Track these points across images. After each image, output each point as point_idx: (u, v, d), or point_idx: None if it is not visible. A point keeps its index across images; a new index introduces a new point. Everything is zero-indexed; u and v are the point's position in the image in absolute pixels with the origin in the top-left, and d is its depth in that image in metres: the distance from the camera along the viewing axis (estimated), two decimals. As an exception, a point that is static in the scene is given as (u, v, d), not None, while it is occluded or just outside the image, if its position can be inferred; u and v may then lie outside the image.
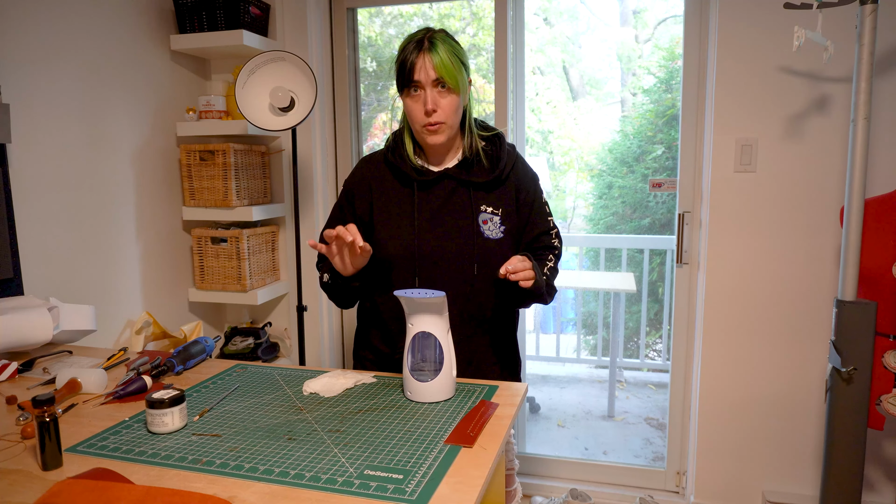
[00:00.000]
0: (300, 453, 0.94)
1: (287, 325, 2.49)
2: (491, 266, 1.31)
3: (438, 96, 1.25)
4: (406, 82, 1.25)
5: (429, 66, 1.23)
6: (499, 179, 1.35)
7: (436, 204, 1.33)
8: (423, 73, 1.23)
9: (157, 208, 2.17)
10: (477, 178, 1.33)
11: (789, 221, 2.00)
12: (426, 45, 1.24)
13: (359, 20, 2.50)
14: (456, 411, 1.09)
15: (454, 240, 1.31)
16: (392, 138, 1.39)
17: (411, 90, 1.26)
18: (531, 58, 6.02)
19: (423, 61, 1.23)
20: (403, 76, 1.25)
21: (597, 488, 2.38)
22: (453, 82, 1.25)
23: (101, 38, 1.92)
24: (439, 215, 1.32)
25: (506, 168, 1.35)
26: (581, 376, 4.01)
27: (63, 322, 1.50)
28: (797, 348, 2.04)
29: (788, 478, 2.10)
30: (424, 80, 1.24)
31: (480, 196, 1.34)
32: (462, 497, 0.82)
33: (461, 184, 1.33)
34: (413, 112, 1.28)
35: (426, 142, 1.30)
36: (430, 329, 1.13)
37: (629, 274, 3.70)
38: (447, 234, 1.31)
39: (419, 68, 1.23)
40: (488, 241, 1.32)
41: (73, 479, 0.81)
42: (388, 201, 1.35)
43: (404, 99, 1.29)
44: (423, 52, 1.23)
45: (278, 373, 1.31)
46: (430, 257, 1.31)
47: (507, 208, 1.35)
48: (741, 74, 1.97)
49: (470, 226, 1.31)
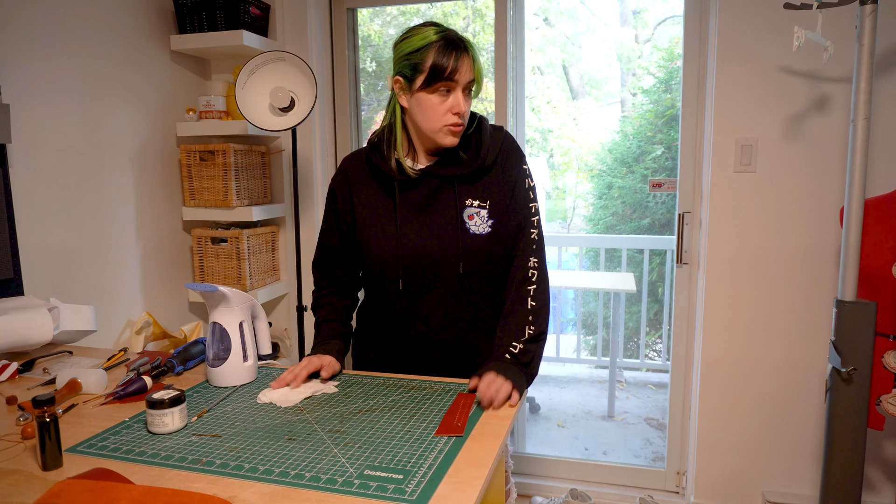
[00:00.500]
0: (300, 453, 0.94)
1: (287, 325, 2.49)
2: (478, 263, 1.30)
3: (465, 98, 1.25)
4: (439, 79, 1.21)
5: (470, 69, 1.22)
6: (482, 169, 1.30)
7: (418, 202, 1.30)
8: (465, 74, 1.22)
9: (157, 208, 2.17)
10: (460, 171, 1.29)
11: (789, 221, 2.00)
12: (465, 47, 1.23)
13: (359, 20, 2.50)
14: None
15: (438, 238, 1.29)
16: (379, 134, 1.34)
17: (442, 87, 1.22)
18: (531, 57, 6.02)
19: (466, 63, 1.22)
20: (438, 73, 1.21)
21: (597, 488, 2.38)
22: (480, 87, 1.26)
23: (101, 39, 1.92)
24: (422, 214, 1.30)
25: (488, 156, 1.30)
26: (581, 376, 4.01)
27: (63, 322, 1.50)
28: (797, 348, 2.04)
29: (788, 478, 2.10)
30: (462, 81, 1.22)
31: (465, 190, 1.30)
32: (462, 497, 0.82)
33: (444, 180, 1.30)
34: (437, 110, 1.23)
35: (443, 143, 1.26)
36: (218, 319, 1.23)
37: (629, 274, 3.70)
38: (430, 233, 1.29)
39: (463, 69, 1.21)
40: (474, 237, 1.28)
41: (73, 480, 0.81)
42: (370, 200, 1.33)
43: (425, 95, 1.23)
44: (464, 54, 1.22)
45: (278, 373, 1.31)
46: (413, 257, 1.29)
47: (495, 198, 1.30)
48: (741, 74, 1.97)
49: (454, 222, 1.29)
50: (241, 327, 1.23)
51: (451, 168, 1.30)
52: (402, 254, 1.29)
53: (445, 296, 1.31)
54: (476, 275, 1.31)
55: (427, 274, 1.30)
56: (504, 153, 1.33)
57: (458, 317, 1.33)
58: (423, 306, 1.33)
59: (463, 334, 1.34)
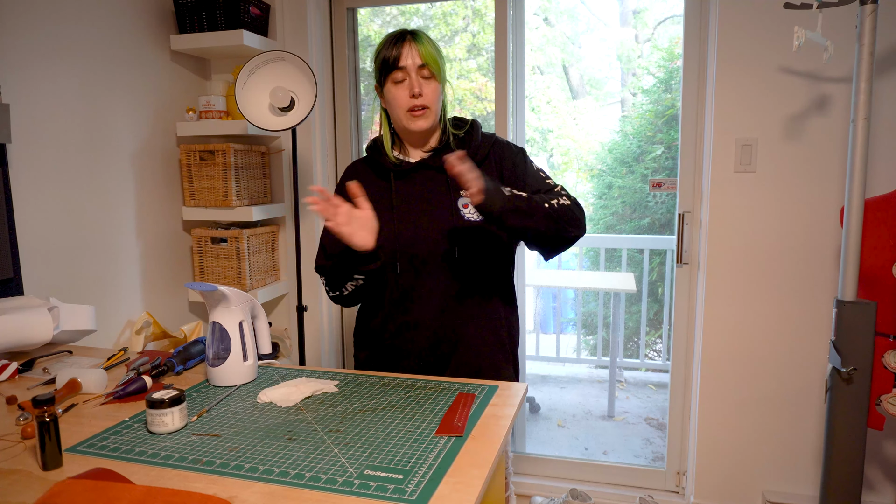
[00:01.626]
0: (300, 453, 0.94)
1: (287, 325, 2.49)
2: (473, 248, 1.33)
3: (423, 82, 1.30)
4: (390, 69, 1.30)
5: (415, 53, 1.30)
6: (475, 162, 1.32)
7: (414, 192, 1.36)
8: (409, 59, 1.29)
9: (157, 208, 2.17)
10: None
11: (789, 221, 2.00)
12: (409, 37, 1.30)
13: (359, 20, 2.50)
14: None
15: (434, 225, 1.33)
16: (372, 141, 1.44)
17: (396, 76, 1.30)
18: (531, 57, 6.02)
19: (409, 49, 1.29)
20: (388, 65, 1.30)
21: (597, 488, 2.38)
22: (436, 68, 1.32)
23: (101, 38, 1.92)
24: (418, 203, 1.35)
25: (481, 148, 1.37)
26: (581, 376, 4.01)
27: (63, 322, 1.50)
28: (797, 348, 2.04)
29: (788, 478, 2.10)
30: (410, 65, 1.29)
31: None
32: (462, 497, 0.82)
33: (438, 170, 1.35)
34: (398, 98, 1.31)
35: (410, 127, 1.33)
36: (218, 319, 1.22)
37: (629, 274, 3.70)
38: (426, 220, 1.33)
39: (405, 55, 1.29)
40: (469, 223, 1.32)
41: (73, 479, 0.81)
42: (370, 194, 1.36)
43: (388, 88, 1.32)
44: (407, 41, 1.30)
45: (278, 373, 1.31)
46: (410, 244, 1.33)
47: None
48: (741, 74, 1.97)
49: (449, 210, 1.33)
50: (241, 327, 1.24)
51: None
52: (399, 237, 1.33)
53: (440, 282, 1.33)
54: (472, 262, 1.34)
55: (423, 261, 1.33)
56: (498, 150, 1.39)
57: (454, 304, 1.35)
58: (421, 292, 1.34)
59: (461, 322, 1.35)
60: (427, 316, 1.35)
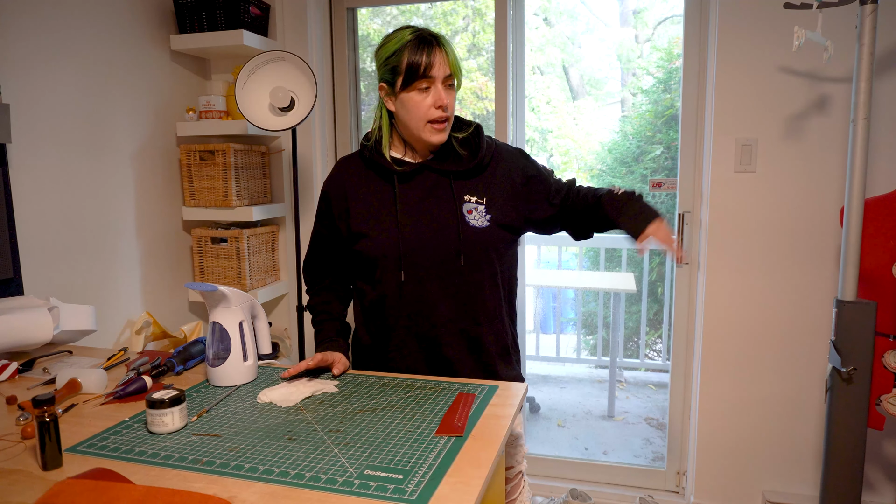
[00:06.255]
0: (300, 453, 0.94)
1: (287, 325, 2.49)
2: (478, 255, 1.30)
3: (447, 92, 1.27)
4: (416, 76, 1.24)
5: (444, 63, 1.25)
6: (480, 166, 1.33)
7: (417, 196, 1.32)
8: (440, 68, 1.24)
9: (157, 208, 2.17)
10: (457, 167, 1.32)
11: (789, 221, 2.00)
12: (436, 42, 1.25)
13: (358, 20, 2.50)
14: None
15: (438, 230, 1.30)
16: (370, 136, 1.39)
17: (422, 84, 1.25)
18: (531, 57, 6.02)
19: (440, 57, 1.24)
20: (415, 72, 1.24)
21: (597, 488, 2.38)
22: (459, 79, 1.30)
23: (101, 39, 1.92)
24: (421, 207, 1.31)
25: (486, 154, 1.35)
26: (581, 376, 4.01)
27: (63, 322, 1.50)
28: (797, 348, 2.04)
29: (788, 478, 2.10)
30: (439, 75, 1.25)
31: (462, 185, 1.32)
32: (462, 497, 0.82)
33: (442, 174, 1.32)
34: (420, 106, 1.26)
35: (430, 140, 1.29)
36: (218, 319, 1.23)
37: (629, 274, 3.70)
38: (430, 225, 1.30)
39: (437, 64, 1.24)
40: (474, 229, 1.30)
41: (73, 479, 0.81)
42: (367, 195, 1.34)
43: (409, 95, 1.26)
44: (437, 48, 1.25)
45: (278, 373, 1.31)
46: (414, 249, 1.30)
47: (493, 195, 1.33)
48: (741, 74, 1.97)
49: (453, 215, 1.30)
50: (240, 327, 1.24)
51: (448, 164, 1.33)
52: (403, 243, 1.30)
53: (446, 288, 1.31)
54: (477, 268, 1.31)
55: (427, 266, 1.30)
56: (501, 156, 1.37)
57: (459, 309, 1.32)
58: (426, 300, 1.31)
59: (464, 327, 1.33)
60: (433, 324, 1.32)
